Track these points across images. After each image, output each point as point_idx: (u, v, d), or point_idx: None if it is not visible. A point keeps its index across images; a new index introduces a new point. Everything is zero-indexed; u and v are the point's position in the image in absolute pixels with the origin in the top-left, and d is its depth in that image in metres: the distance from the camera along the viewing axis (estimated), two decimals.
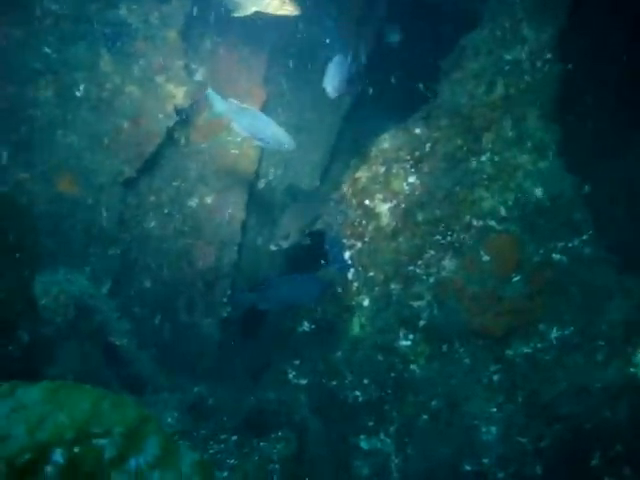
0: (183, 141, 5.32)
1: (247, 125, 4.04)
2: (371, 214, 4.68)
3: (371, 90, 5.69)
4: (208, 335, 5.32)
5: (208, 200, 5.33)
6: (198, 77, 5.21)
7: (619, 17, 5.31)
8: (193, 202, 5.32)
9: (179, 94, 5.00)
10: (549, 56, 4.66)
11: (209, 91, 4.10)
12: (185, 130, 5.30)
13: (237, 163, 5.36)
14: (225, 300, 5.22)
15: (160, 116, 4.99)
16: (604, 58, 5.53)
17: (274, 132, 4.11)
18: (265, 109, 5.22)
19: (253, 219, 5.65)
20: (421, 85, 4.70)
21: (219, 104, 4.08)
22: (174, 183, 5.28)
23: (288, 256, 5.37)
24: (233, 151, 5.35)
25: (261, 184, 5.65)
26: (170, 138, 5.13)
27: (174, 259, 5.30)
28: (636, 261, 4.84)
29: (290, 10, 3.56)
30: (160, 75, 4.99)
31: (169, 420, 4.16)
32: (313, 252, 4.65)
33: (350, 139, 5.96)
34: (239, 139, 5.17)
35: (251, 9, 3.65)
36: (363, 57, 5.33)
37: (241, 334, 5.46)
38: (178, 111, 4.95)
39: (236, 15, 3.71)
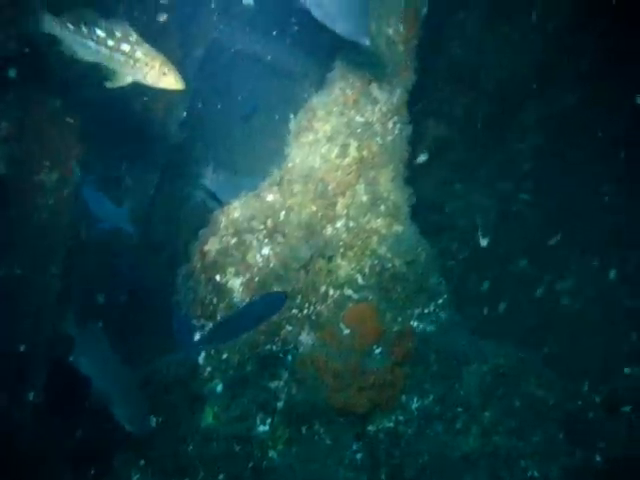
0: None
1: None
2: (223, 290, 4.25)
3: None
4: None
5: None
6: None
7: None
8: None
9: None
10: (399, 118, 4.50)
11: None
12: None
13: None
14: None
15: None
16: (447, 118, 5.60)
17: None
18: None
19: None
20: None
21: None
22: None
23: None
24: None
25: None
26: None
27: None
28: (490, 325, 4.88)
29: (172, 83, 2.99)
30: None
31: None
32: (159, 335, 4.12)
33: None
34: None
35: (127, 79, 3.05)
36: None
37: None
38: None
39: (109, 86, 3.09)
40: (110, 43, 2.89)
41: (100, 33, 2.88)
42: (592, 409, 4.54)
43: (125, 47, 2.91)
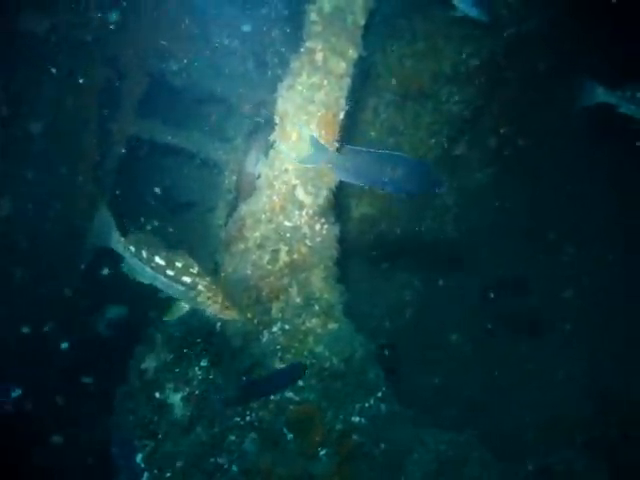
0: None
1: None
2: (163, 407, 4.20)
3: None
4: None
5: None
6: None
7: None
8: None
9: None
10: (326, 219, 4.63)
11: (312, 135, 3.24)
12: None
13: None
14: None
15: None
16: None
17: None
18: None
19: None
20: None
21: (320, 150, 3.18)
22: None
23: None
24: None
25: None
26: None
27: None
28: (431, 412, 4.99)
29: (234, 315, 3.03)
30: None
31: None
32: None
33: None
34: None
35: (185, 308, 3.02)
36: None
37: None
38: None
39: (169, 318, 3.06)
40: (170, 272, 2.87)
41: (159, 261, 2.87)
42: None
43: (186, 279, 2.90)
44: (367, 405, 4.61)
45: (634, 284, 6.05)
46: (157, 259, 2.86)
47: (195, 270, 2.88)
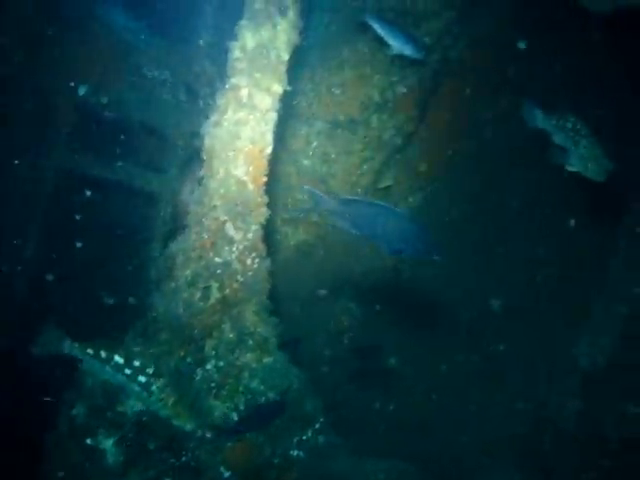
0: None
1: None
2: (94, 453, 4.12)
3: None
4: None
5: None
6: None
7: None
8: None
9: None
10: (257, 253, 4.64)
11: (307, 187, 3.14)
12: None
13: None
14: None
15: None
16: None
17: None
18: None
19: None
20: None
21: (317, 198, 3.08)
22: None
23: None
24: None
25: None
26: None
27: None
28: (371, 439, 5.02)
29: (181, 421, 3.06)
30: None
31: None
32: None
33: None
34: None
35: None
36: None
37: None
38: None
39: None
40: (127, 371, 2.88)
41: (118, 359, 2.88)
42: None
43: (142, 379, 2.91)
44: (305, 438, 4.61)
45: (566, 302, 6.22)
46: (116, 357, 2.89)
47: (151, 370, 2.91)
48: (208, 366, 4.42)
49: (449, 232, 6.54)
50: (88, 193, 6.63)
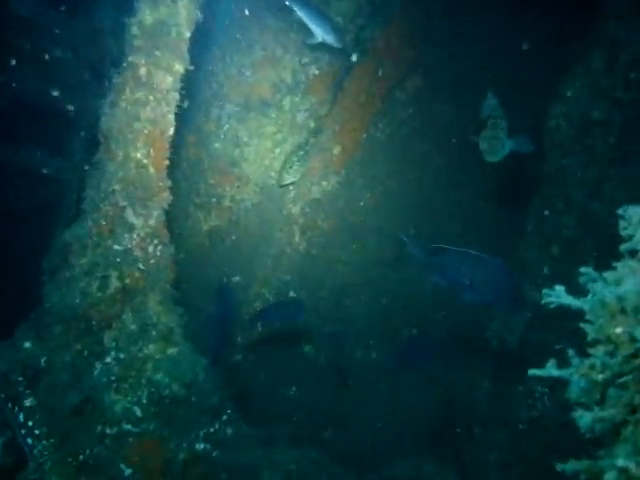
0: None
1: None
2: None
3: None
4: None
5: None
6: None
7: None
8: None
9: None
10: (159, 240, 4.45)
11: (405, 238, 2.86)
12: None
13: None
14: None
15: None
16: None
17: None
18: None
19: None
20: None
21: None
22: None
23: None
24: None
25: None
26: None
27: None
28: (283, 428, 4.92)
29: None
30: None
31: None
32: None
33: None
34: None
35: None
36: None
37: None
38: None
39: None
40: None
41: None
42: None
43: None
44: (212, 430, 4.46)
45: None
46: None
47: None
48: (107, 359, 4.20)
49: (363, 217, 6.48)
50: None
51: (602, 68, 5.17)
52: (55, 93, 6.55)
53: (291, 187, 6.31)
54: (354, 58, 6.19)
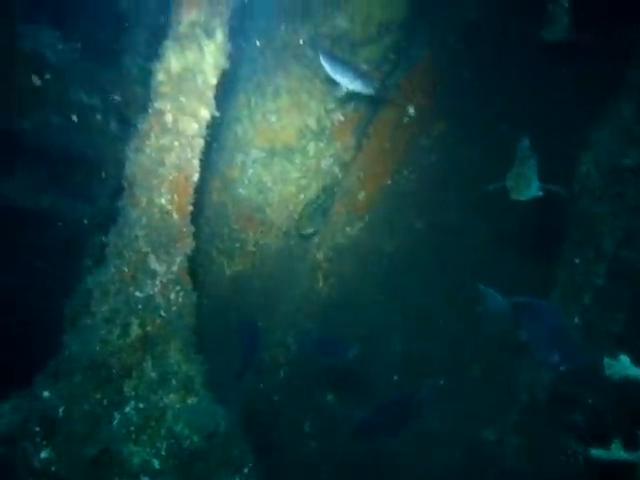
0: None
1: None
2: None
3: None
4: None
5: None
6: None
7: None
8: None
9: None
10: (181, 286, 4.38)
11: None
12: None
13: None
14: None
15: None
16: None
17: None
18: None
19: None
20: None
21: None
22: None
23: None
24: None
25: None
26: None
27: None
28: None
29: None
30: None
31: None
32: None
33: None
34: None
35: None
36: None
37: None
38: None
39: None
40: None
41: None
42: None
43: None
44: None
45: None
46: None
47: None
48: (127, 409, 4.10)
49: (387, 264, 6.37)
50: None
51: (632, 115, 5.09)
52: (80, 138, 6.58)
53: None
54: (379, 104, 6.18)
